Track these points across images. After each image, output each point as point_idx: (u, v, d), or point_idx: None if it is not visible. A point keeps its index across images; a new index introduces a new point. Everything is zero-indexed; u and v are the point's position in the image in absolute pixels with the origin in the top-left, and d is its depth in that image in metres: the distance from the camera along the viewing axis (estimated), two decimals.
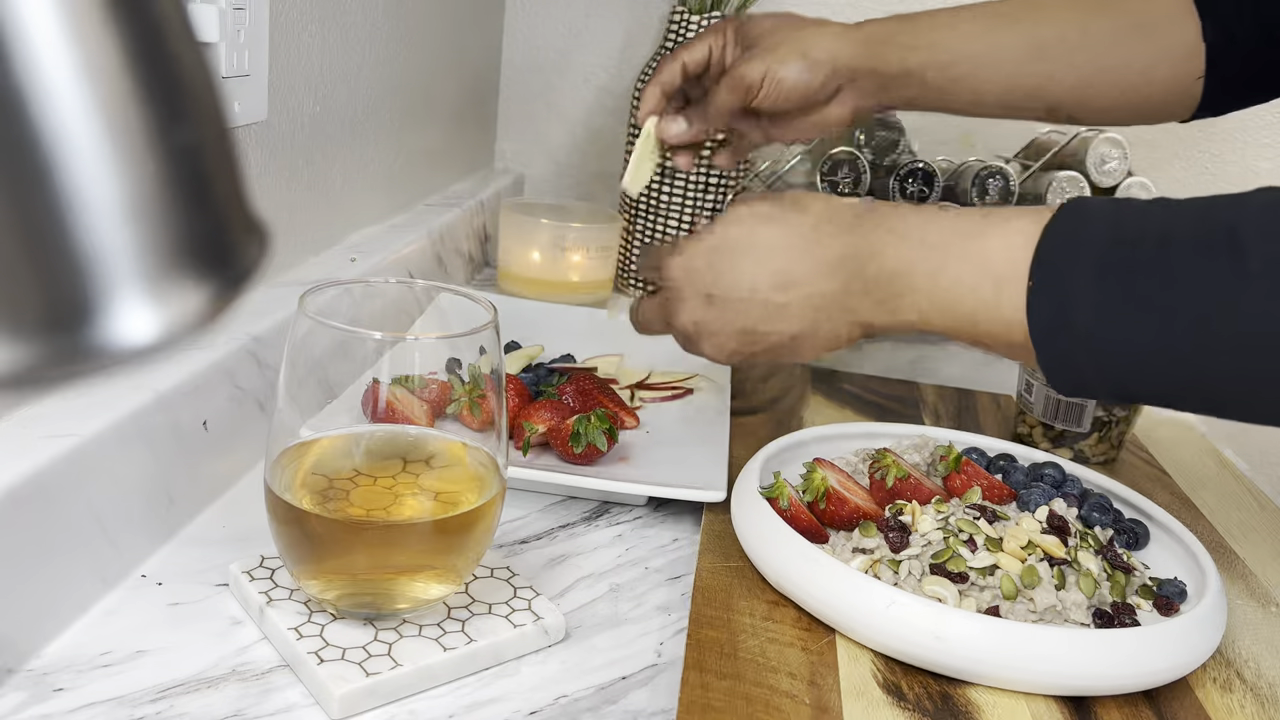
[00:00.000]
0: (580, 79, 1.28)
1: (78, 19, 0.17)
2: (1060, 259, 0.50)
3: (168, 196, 0.19)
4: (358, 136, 0.87)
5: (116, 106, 0.18)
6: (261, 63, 0.68)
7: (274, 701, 0.46)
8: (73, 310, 0.18)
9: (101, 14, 0.18)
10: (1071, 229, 0.50)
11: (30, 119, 0.17)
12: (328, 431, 0.50)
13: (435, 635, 0.49)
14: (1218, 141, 1.25)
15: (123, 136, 0.18)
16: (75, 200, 0.18)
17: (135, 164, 0.18)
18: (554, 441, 0.69)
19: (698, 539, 0.63)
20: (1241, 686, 0.53)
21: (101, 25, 0.18)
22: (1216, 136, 1.24)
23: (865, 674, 0.51)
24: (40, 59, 0.17)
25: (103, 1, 0.18)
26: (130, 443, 0.52)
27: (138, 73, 0.18)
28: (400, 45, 0.94)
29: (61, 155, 0.18)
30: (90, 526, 0.49)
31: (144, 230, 0.19)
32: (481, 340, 0.49)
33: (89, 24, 0.18)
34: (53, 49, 0.17)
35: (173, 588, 0.53)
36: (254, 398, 0.63)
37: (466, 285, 1.08)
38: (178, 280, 0.19)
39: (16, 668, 0.45)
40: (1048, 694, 0.51)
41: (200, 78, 0.20)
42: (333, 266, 0.81)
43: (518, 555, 0.60)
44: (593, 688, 0.50)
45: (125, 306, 0.18)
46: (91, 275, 0.18)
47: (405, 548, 0.48)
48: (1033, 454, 0.72)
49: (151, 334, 0.19)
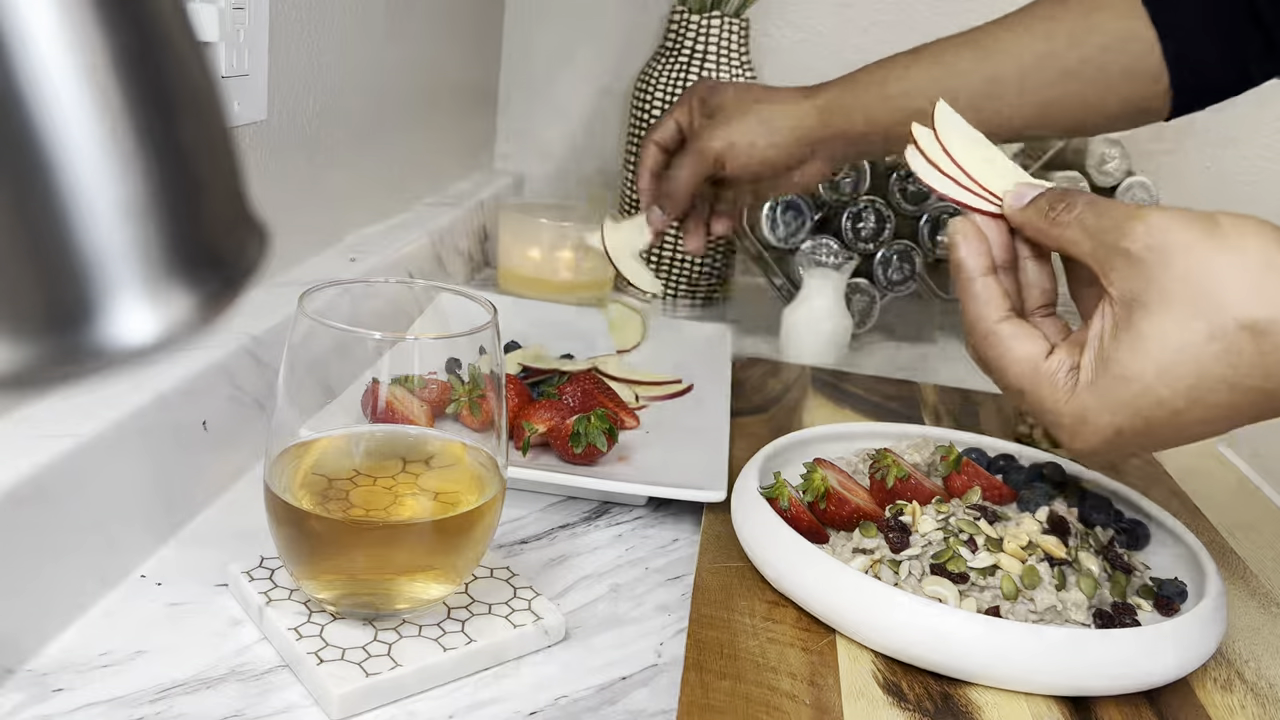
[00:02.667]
0: (580, 79, 1.28)
1: (77, 19, 0.17)
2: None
3: (167, 196, 0.19)
4: (357, 136, 0.87)
5: (116, 106, 0.18)
6: (261, 62, 0.68)
7: (273, 702, 0.46)
8: (72, 310, 0.18)
9: (100, 14, 0.18)
10: None
11: (30, 119, 0.17)
12: (327, 432, 0.50)
13: (435, 635, 0.49)
14: (1218, 142, 1.25)
15: (122, 136, 0.18)
16: (74, 200, 0.18)
17: (134, 164, 0.18)
18: (554, 441, 0.69)
19: (698, 539, 0.63)
20: (1242, 686, 0.53)
21: (101, 25, 0.18)
22: (1217, 137, 1.24)
23: (865, 674, 0.51)
24: (39, 59, 0.17)
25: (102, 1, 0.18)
26: (130, 443, 0.52)
27: (137, 72, 0.18)
28: (400, 45, 0.94)
29: (61, 155, 0.17)
30: (90, 526, 0.49)
31: (143, 230, 0.18)
32: (481, 340, 0.49)
33: (88, 24, 0.18)
34: (52, 49, 0.17)
35: (172, 588, 0.53)
36: (253, 398, 0.63)
37: (466, 285, 1.07)
38: (177, 280, 0.19)
39: (16, 668, 0.45)
40: (1048, 694, 0.51)
41: (200, 77, 0.20)
42: (332, 266, 0.81)
43: (518, 555, 0.60)
44: (593, 688, 0.50)
45: (124, 306, 0.18)
46: (91, 275, 0.18)
47: (405, 548, 0.48)
48: (1033, 454, 0.72)
49: (150, 334, 0.19)
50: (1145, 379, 0.45)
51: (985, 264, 0.52)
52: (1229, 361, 0.44)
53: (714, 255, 1.12)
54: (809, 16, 1.24)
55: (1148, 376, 0.45)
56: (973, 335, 0.52)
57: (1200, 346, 0.44)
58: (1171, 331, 0.44)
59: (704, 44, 1.07)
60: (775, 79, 1.24)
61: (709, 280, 1.13)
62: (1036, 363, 0.49)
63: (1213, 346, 0.44)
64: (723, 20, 1.07)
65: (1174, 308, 0.44)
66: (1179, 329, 0.44)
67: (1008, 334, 0.50)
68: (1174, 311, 0.44)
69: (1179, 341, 0.44)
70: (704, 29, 1.07)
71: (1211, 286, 0.44)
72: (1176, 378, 0.45)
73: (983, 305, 0.51)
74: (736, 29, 1.07)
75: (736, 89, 0.79)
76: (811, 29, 1.24)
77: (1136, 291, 0.46)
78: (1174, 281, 0.45)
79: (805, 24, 1.24)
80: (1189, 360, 0.44)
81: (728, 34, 1.07)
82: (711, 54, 1.07)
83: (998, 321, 0.51)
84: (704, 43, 1.07)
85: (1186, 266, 0.45)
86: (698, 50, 1.07)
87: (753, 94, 0.78)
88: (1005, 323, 0.51)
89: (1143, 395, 0.45)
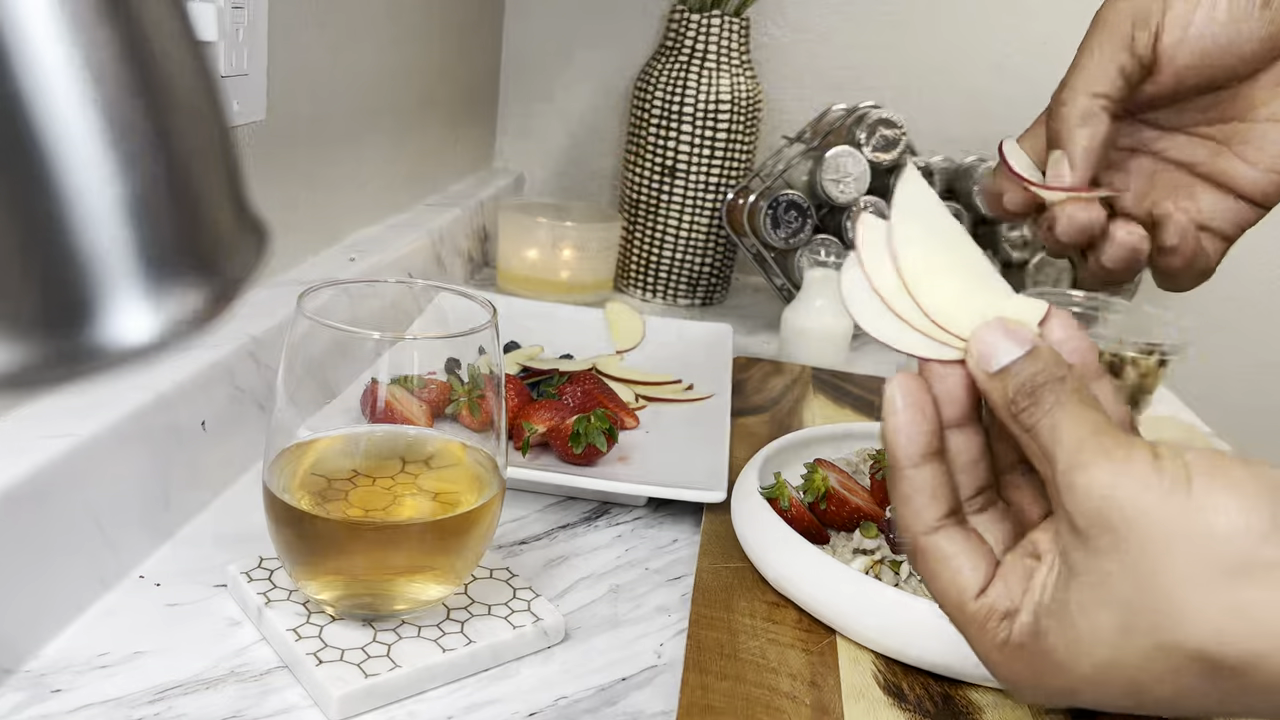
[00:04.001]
0: (580, 78, 1.28)
1: (76, 19, 0.17)
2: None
3: (166, 196, 0.19)
4: (357, 136, 0.87)
5: (115, 106, 0.18)
6: (260, 62, 0.68)
7: (272, 703, 0.46)
8: (71, 311, 0.18)
9: (100, 13, 0.18)
10: None
11: (29, 120, 0.17)
12: (326, 432, 0.50)
13: (434, 636, 0.49)
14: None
15: (121, 136, 0.18)
16: (73, 201, 0.18)
17: (133, 164, 0.18)
18: (554, 442, 0.69)
19: (698, 540, 0.63)
20: None
21: (100, 25, 0.18)
22: None
23: (866, 675, 0.51)
24: (39, 59, 0.17)
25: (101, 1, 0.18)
26: (128, 443, 0.52)
27: (136, 72, 0.18)
28: (400, 44, 0.94)
29: (60, 156, 0.17)
30: (88, 527, 0.49)
31: (142, 230, 0.18)
32: (481, 340, 0.48)
33: (87, 24, 0.18)
34: (51, 49, 0.17)
35: (171, 588, 0.53)
36: (252, 398, 0.63)
37: (466, 285, 1.07)
38: (176, 280, 0.19)
39: (14, 668, 0.45)
40: None
41: (199, 77, 0.20)
42: (332, 266, 0.81)
43: (517, 556, 0.60)
44: (592, 689, 0.50)
45: (123, 306, 0.18)
46: (90, 275, 0.18)
47: (404, 548, 0.48)
48: None
49: (149, 334, 0.19)
50: (1074, 677, 0.36)
51: (921, 446, 0.39)
52: (1175, 685, 0.34)
53: (714, 255, 1.12)
54: (809, 16, 1.23)
55: (1078, 675, 0.36)
56: (902, 540, 0.40)
57: (1140, 666, 0.34)
58: (1108, 638, 0.34)
59: (704, 43, 1.07)
60: (776, 79, 1.24)
61: (709, 280, 1.13)
62: (963, 602, 0.38)
63: (1154, 668, 0.34)
64: (723, 19, 1.07)
65: (1114, 610, 0.34)
66: (1118, 636, 0.34)
67: (934, 555, 0.39)
68: (1114, 613, 0.34)
69: (1115, 655, 0.35)
70: (704, 28, 1.07)
71: (1163, 594, 0.33)
72: (1111, 687, 0.36)
73: (910, 510, 0.39)
74: (737, 28, 1.07)
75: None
76: (811, 28, 1.24)
77: (1076, 567, 0.35)
78: (1117, 576, 0.34)
79: (805, 23, 1.24)
80: (1126, 679, 0.35)
81: (728, 33, 1.07)
82: (712, 53, 1.07)
83: (926, 534, 0.39)
84: (704, 42, 1.07)
85: (1136, 555, 0.34)
86: (698, 49, 1.07)
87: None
88: (936, 535, 0.39)
89: (1072, 692, 0.37)
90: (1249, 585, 0.32)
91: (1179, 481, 0.34)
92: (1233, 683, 0.33)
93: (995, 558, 0.39)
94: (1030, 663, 0.37)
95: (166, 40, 0.19)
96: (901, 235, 0.39)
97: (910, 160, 0.33)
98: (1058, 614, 0.36)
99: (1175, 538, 0.33)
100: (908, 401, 0.39)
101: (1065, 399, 0.37)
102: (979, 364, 0.39)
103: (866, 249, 0.39)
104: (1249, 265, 1.25)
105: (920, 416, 0.39)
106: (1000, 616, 0.38)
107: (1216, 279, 0.55)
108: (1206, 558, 0.33)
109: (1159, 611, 0.33)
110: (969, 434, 0.40)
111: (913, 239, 0.39)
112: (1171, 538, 0.33)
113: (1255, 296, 1.28)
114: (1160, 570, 0.33)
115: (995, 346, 0.38)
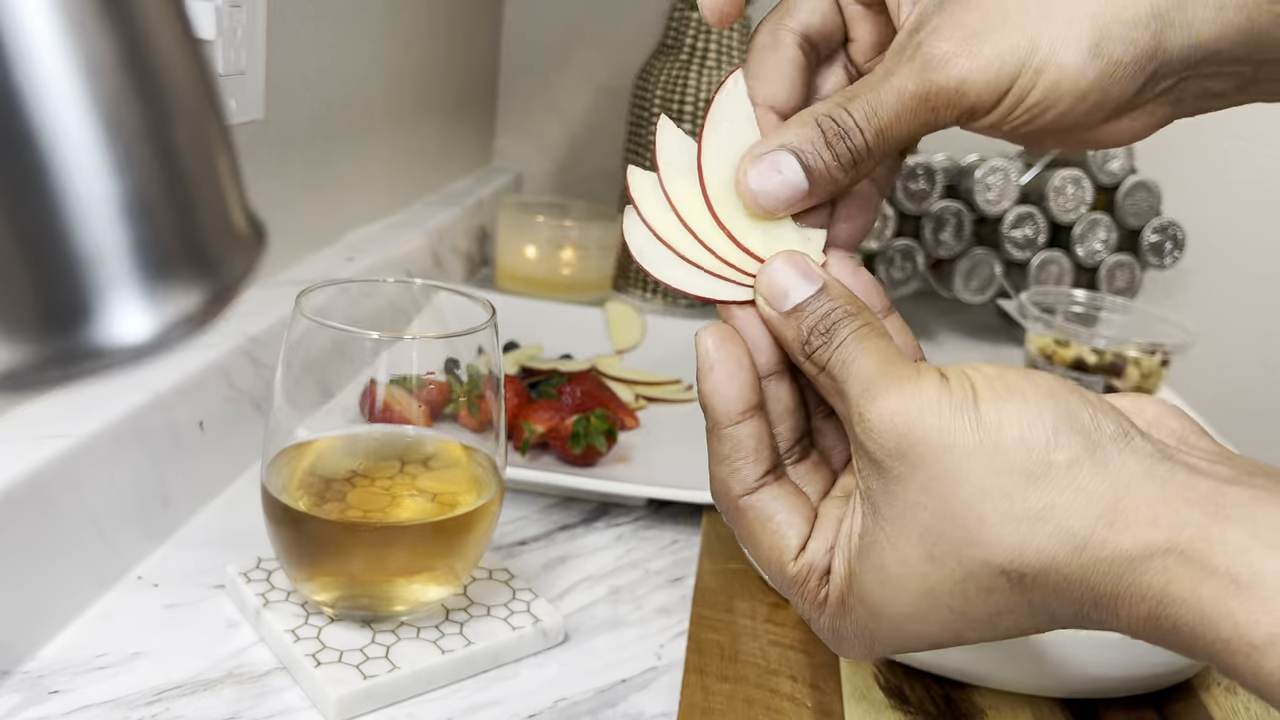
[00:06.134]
0: (580, 77, 1.28)
1: (74, 18, 0.17)
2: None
3: (163, 196, 0.19)
4: (355, 134, 0.87)
5: (113, 106, 0.18)
6: (258, 60, 0.68)
7: (271, 704, 0.46)
8: (68, 310, 0.18)
9: (98, 12, 0.18)
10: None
11: (27, 119, 0.17)
12: (325, 432, 0.49)
13: (433, 638, 0.49)
14: (1221, 139, 1.25)
15: (119, 136, 0.18)
16: (71, 200, 0.18)
17: (131, 163, 0.18)
18: (553, 442, 0.69)
19: (698, 541, 0.63)
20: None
21: (98, 24, 0.18)
22: (1219, 135, 1.24)
23: (868, 677, 0.51)
24: (37, 58, 0.17)
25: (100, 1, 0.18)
26: (126, 443, 0.51)
27: (134, 71, 0.18)
28: (398, 43, 0.94)
29: (57, 155, 0.17)
30: (86, 527, 0.49)
31: (139, 230, 0.18)
32: (480, 340, 0.48)
33: (86, 23, 0.17)
34: (49, 48, 0.17)
35: (169, 589, 0.52)
36: (250, 398, 0.63)
37: (464, 284, 1.07)
38: (173, 280, 0.19)
39: (12, 670, 0.45)
40: (1051, 697, 0.50)
41: (197, 76, 0.20)
42: (330, 265, 0.80)
43: (516, 557, 0.60)
44: (592, 691, 0.49)
45: (121, 306, 0.18)
46: (87, 275, 0.18)
47: (403, 549, 0.47)
48: None
49: (147, 334, 0.18)
50: (896, 618, 0.35)
51: (741, 402, 0.37)
52: (988, 605, 0.34)
53: None
54: None
55: (899, 614, 0.35)
56: (720, 504, 0.39)
57: (953, 591, 0.34)
58: (918, 568, 0.34)
59: (704, 42, 1.07)
60: None
61: None
62: (784, 564, 0.37)
63: (966, 590, 0.34)
64: None
65: (919, 539, 0.34)
66: (927, 565, 0.34)
67: (754, 516, 0.37)
68: (919, 542, 0.34)
69: (927, 585, 0.34)
70: (704, 27, 1.07)
71: (962, 513, 0.33)
72: (930, 622, 0.35)
73: (729, 469, 0.37)
74: (737, 27, 1.07)
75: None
76: None
77: (878, 502, 0.34)
78: (916, 503, 0.33)
79: None
80: (943, 609, 0.34)
81: (728, 32, 1.07)
82: (712, 52, 1.07)
83: (741, 496, 0.37)
84: (704, 41, 1.07)
85: (931, 478, 0.33)
86: (698, 48, 1.07)
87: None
88: (756, 495, 0.37)
89: (896, 631, 0.36)
90: (1041, 490, 0.32)
91: (966, 400, 0.33)
92: (1036, 592, 0.33)
93: (814, 509, 0.38)
94: (852, 616, 0.36)
95: (164, 39, 0.19)
96: (670, 176, 0.39)
97: (664, 116, 0.33)
98: (868, 554, 0.35)
99: (967, 455, 0.33)
100: (722, 354, 0.37)
101: (858, 334, 0.36)
102: (770, 302, 0.37)
103: (641, 197, 0.39)
104: (1252, 264, 1.25)
105: (737, 368, 0.37)
106: (820, 574, 0.37)
107: (1217, 279, 0.55)
108: (998, 470, 0.32)
109: (961, 531, 0.33)
110: (784, 381, 0.39)
111: (683, 185, 0.39)
112: (963, 455, 0.33)
113: (1258, 296, 1.28)
114: (956, 490, 0.33)
115: (786, 284, 0.37)
